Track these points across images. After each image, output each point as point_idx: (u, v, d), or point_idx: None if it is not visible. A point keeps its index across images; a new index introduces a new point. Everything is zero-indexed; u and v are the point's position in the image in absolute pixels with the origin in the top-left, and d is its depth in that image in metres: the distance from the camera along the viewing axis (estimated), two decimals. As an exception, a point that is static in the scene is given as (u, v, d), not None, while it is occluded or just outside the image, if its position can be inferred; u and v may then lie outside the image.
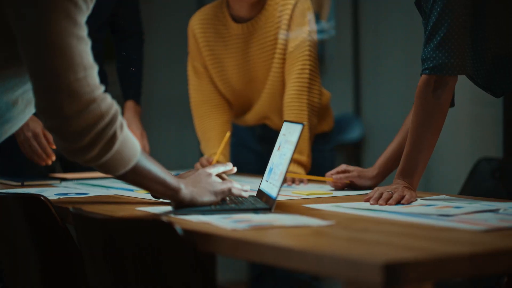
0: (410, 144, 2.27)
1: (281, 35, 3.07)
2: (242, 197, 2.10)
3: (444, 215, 1.92)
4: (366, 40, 4.82)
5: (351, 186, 2.59)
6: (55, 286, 2.16)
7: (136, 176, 1.95)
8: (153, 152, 5.27)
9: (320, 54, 4.92)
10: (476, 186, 3.25)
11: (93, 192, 2.49)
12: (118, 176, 1.93)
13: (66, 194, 2.43)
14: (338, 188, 2.59)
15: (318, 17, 4.82)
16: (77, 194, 2.44)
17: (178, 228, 1.71)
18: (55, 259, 2.14)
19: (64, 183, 2.76)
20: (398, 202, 2.15)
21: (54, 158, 2.93)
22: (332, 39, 4.90)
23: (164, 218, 1.72)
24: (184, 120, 3.36)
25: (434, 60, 2.21)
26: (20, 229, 2.16)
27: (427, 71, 2.23)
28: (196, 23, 3.19)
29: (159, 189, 1.99)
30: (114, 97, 3.14)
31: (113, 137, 1.86)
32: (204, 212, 1.97)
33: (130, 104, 3.36)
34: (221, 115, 3.23)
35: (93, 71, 1.87)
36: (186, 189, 2.00)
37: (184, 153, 4.90)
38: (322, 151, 3.35)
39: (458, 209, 2.01)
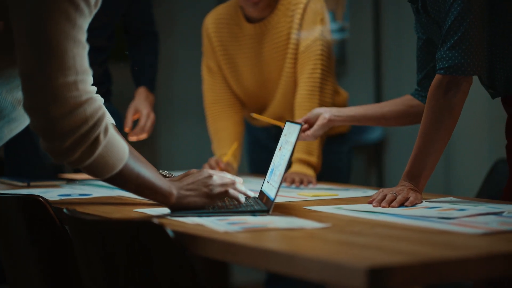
0: (418, 146, 2.23)
1: (293, 35, 3.05)
2: (238, 200, 2.06)
3: (445, 218, 1.88)
4: (387, 39, 4.77)
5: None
6: (55, 286, 2.15)
7: (123, 181, 1.93)
8: (174, 151, 5.29)
9: (341, 53, 4.90)
10: (494, 188, 3.20)
11: (97, 193, 2.48)
12: (105, 179, 1.92)
13: (69, 195, 2.42)
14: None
15: (333, 17, 4.79)
16: (80, 195, 2.43)
17: (169, 230, 1.69)
18: (54, 260, 2.13)
19: (70, 184, 2.76)
20: (401, 204, 2.11)
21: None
22: (353, 38, 4.86)
23: (155, 220, 1.70)
24: (204, 119, 3.34)
25: (450, 60, 2.16)
26: (20, 229, 2.15)
27: (442, 71, 2.18)
28: (210, 23, 3.18)
29: (149, 194, 1.97)
30: (116, 94, 3.13)
31: (96, 141, 1.85)
32: (200, 214, 1.95)
33: (141, 90, 3.35)
34: (234, 115, 3.21)
35: (86, 76, 1.85)
36: (179, 194, 1.97)
37: (204, 151, 4.89)
38: (339, 152, 3.31)
39: (461, 211, 1.97)
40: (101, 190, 2.54)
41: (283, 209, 2.09)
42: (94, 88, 1.88)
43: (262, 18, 3.09)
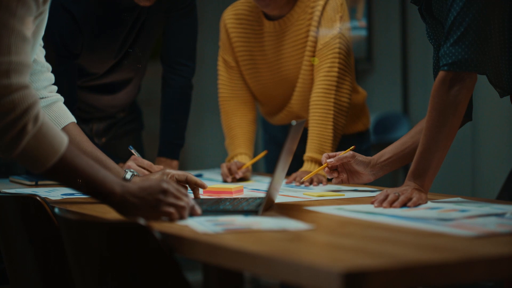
0: (423, 144, 2.18)
1: (312, 33, 3.01)
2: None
3: (443, 219, 1.83)
4: (414, 37, 4.71)
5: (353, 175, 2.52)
6: (54, 285, 2.14)
7: (61, 176, 1.84)
8: (202, 148, 5.26)
9: (367, 51, 4.85)
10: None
11: (102, 192, 2.45)
12: (42, 174, 1.83)
13: (72, 194, 2.41)
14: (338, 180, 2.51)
15: (355, 14, 4.74)
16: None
17: (156, 232, 1.67)
18: (51, 259, 2.12)
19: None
20: (403, 205, 2.07)
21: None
22: (379, 35, 4.81)
23: (142, 222, 1.68)
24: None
25: (453, 56, 2.11)
26: (18, 228, 2.15)
27: (445, 68, 2.14)
28: (229, 17, 3.14)
29: (90, 194, 1.87)
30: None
31: (23, 130, 1.78)
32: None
33: (160, 160, 3.08)
34: (248, 113, 3.18)
35: (21, 67, 1.81)
36: (124, 197, 1.84)
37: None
38: (357, 151, 3.26)
39: (462, 212, 1.92)
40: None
41: (283, 209, 2.06)
42: (31, 87, 1.83)
43: (282, 15, 3.05)
